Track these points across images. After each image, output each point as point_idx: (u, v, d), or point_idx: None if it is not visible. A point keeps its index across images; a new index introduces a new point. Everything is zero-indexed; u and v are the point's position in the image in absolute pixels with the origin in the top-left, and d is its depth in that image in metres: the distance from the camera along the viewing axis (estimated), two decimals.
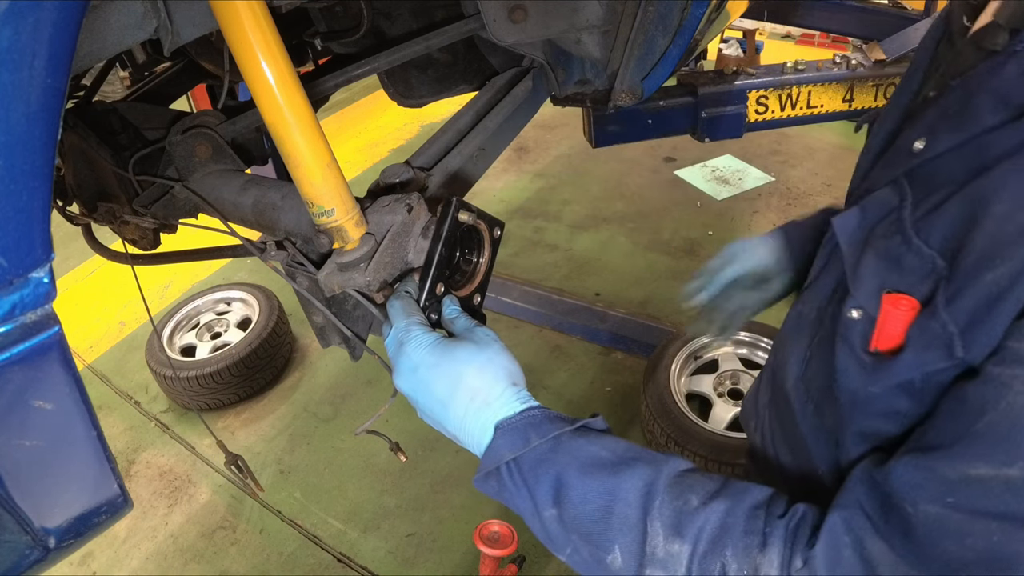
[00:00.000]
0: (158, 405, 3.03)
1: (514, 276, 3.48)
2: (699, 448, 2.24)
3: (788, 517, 0.66)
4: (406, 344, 0.77)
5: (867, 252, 0.71)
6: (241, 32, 0.66)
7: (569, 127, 4.85)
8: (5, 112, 0.51)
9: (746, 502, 0.67)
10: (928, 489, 0.57)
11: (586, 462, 0.71)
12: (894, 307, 0.63)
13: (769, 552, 0.63)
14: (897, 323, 0.64)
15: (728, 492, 0.68)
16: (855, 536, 0.61)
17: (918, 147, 0.71)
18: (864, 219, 0.75)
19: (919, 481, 0.58)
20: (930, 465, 0.58)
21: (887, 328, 0.65)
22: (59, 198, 1.32)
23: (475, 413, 0.74)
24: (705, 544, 0.65)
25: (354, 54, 1.42)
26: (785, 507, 0.67)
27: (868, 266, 0.70)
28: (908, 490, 0.59)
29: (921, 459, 0.59)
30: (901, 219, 0.68)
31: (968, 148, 0.64)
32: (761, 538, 0.64)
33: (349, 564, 2.31)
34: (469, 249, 0.90)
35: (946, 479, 0.56)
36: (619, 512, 0.68)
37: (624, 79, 1.22)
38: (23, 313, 0.59)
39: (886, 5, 2.91)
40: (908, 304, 0.63)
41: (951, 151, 0.66)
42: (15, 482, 0.63)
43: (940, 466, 0.57)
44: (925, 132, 0.71)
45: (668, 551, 0.66)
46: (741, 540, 0.64)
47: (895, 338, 0.64)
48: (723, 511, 0.66)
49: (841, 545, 0.61)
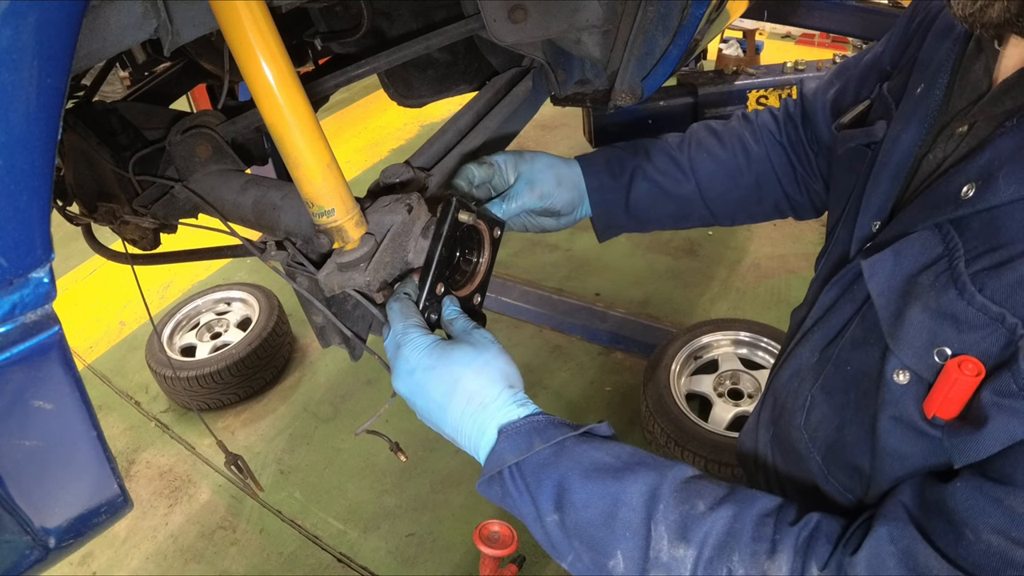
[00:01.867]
0: (158, 405, 3.03)
1: (514, 276, 3.48)
2: (699, 448, 2.24)
3: (800, 525, 0.65)
4: (403, 347, 0.77)
5: (912, 305, 0.65)
6: (241, 32, 0.66)
7: (569, 127, 4.85)
8: (5, 112, 0.51)
9: (755, 508, 0.66)
10: (993, 518, 0.56)
11: (589, 467, 0.70)
12: (961, 372, 0.59)
13: (778, 559, 0.62)
14: (964, 389, 0.59)
15: (736, 498, 0.67)
16: (902, 546, 0.60)
17: (968, 193, 0.64)
18: (899, 266, 0.68)
19: (984, 508, 0.57)
20: (999, 496, 0.56)
21: (952, 394, 0.60)
22: (59, 198, 1.31)
23: (472, 415, 0.74)
24: (711, 549, 0.64)
25: (354, 54, 1.42)
26: (796, 515, 0.66)
27: (914, 322, 0.64)
28: (971, 515, 0.57)
29: (988, 487, 0.57)
30: (955, 271, 0.62)
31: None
32: (770, 544, 0.63)
33: (349, 564, 2.31)
34: (469, 249, 0.90)
35: (1014, 512, 0.55)
36: (622, 516, 0.67)
37: (624, 79, 1.22)
38: (23, 313, 0.58)
39: (886, 5, 2.91)
40: (975, 368, 0.58)
41: (1016, 203, 0.60)
42: (15, 482, 0.63)
43: (1010, 499, 0.55)
44: (976, 177, 0.64)
45: (672, 555, 0.65)
46: (749, 546, 0.63)
47: (958, 403, 0.60)
48: (730, 516, 0.65)
49: (886, 554, 0.60)
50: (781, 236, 3.71)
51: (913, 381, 0.64)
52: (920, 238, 0.68)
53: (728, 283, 3.42)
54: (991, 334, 0.58)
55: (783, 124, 1.15)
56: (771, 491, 0.93)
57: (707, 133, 1.17)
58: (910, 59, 0.87)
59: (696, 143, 1.16)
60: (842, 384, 0.77)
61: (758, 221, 1.23)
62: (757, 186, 1.15)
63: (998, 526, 0.55)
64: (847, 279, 0.81)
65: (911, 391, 0.65)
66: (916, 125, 0.78)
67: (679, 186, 1.14)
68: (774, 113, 1.18)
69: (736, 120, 1.19)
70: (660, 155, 1.16)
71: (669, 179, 1.14)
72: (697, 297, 3.34)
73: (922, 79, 0.80)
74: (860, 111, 0.93)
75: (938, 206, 0.67)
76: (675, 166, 1.14)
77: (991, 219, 0.62)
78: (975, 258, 0.61)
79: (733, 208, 1.18)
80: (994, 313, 0.58)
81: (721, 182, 1.14)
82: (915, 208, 0.73)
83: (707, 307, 3.27)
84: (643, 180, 1.14)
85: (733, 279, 3.44)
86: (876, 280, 0.70)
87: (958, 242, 0.63)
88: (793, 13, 2.94)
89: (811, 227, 3.74)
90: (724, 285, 3.40)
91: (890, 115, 0.85)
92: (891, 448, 0.68)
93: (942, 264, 0.64)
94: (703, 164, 1.14)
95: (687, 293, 3.37)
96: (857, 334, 0.75)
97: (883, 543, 0.60)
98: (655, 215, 1.17)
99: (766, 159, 1.14)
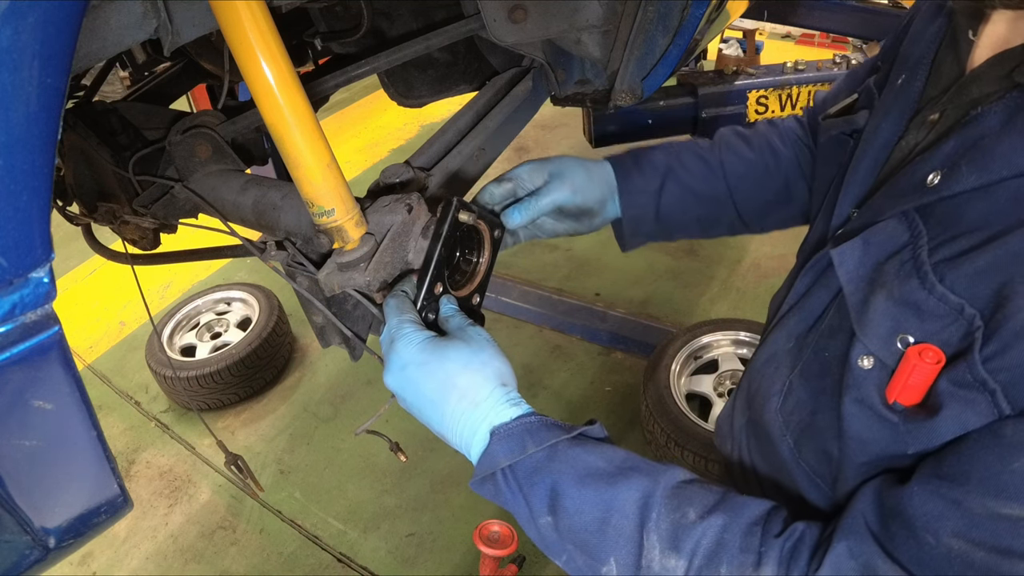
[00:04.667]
0: (158, 405, 3.03)
1: (514, 276, 3.47)
2: (699, 448, 2.24)
3: (785, 536, 0.65)
4: (396, 341, 0.77)
5: (877, 293, 0.66)
6: (241, 32, 0.66)
7: (569, 127, 4.85)
8: (5, 112, 0.51)
9: (744, 518, 0.67)
10: (952, 521, 0.56)
11: (582, 472, 0.70)
12: (921, 360, 0.59)
13: (764, 570, 0.63)
14: (924, 376, 0.60)
15: (726, 507, 0.68)
16: (863, 562, 0.60)
17: (933, 181, 0.65)
18: (867, 254, 0.70)
19: (942, 511, 0.57)
20: (956, 498, 0.56)
21: (912, 381, 0.61)
22: (59, 198, 1.31)
23: (463, 413, 0.74)
24: (701, 559, 0.65)
25: (354, 54, 1.42)
26: (782, 525, 0.67)
27: (879, 309, 0.65)
28: (930, 520, 0.57)
29: (945, 489, 0.57)
30: (918, 260, 0.63)
31: (999, 191, 0.59)
32: (756, 556, 0.64)
33: (349, 564, 2.31)
34: (469, 249, 0.90)
35: (972, 514, 0.55)
36: (615, 523, 0.67)
37: (624, 79, 1.22)
38: (23, 313, 0.59)
39: (886, 5, 2.91)
40: (935, 356, 0.59)
41: (976, 191, 0.61)
42: (15, 482, 0.63)
43: (968, 500, 0.55)
44: (941, 164, 0.65)
45: (664, 565, 0.65)
46: (737, 557, 0.64)
47: (918, 390, 0.61)
48: (720, 526, 0.66)
49: (847, 569, 0.60)
50: (781, 236, 3.69)
51: (876, 367, 0.65)
52: (887, 226, 0.69)
53: (728, 283, 3.42)
54: (951, 324, 0.59)
55: (807, 128, 1.16)
56: (745, 477, 0.95)
57: (735, 136, 1.18)
58: (892, 50, 0.89)
59: (726, 145, 1.16)
60: (819, 370, 0.78)
61: (787, 227, 1.23)
62: (786, 188, 1.15)
63: (957, 529, 0.55)
64: (820, 266, 0.82)
65: (873, 376, 0.66)
66: (896, 115, 0.79)
67: (710, 187, 1.13)
68: (799, 119, 1.19)
69: (763, 125, 1.20)
70: (690, 156, 1.15)
71: (699, 180, 1.13)
72: (697, 297, 3.34)
73: (903, 70, 0.81)
74: (847, 103, 0.94)
75: (905, 194, 0.69)
76: (706, 166, 1.14)
77: (954, 207, 0.63)
78: (938, 247, 0.62)
79: (762, 211, 1.18)
80: (953, 303, 0.59)
81: (751, 184, 1.14)
82: (884, 196, 0.74)
83: (707, 307, 3.27)
84: (674, 182, 1.12)
85: (733, 279, 3.44)
86: (845, 268, 0.71)
87: (922, 230, 0.65)
88: (793, 13, 2.94)
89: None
90: (724, 285, 3.40)
91: (873, 105, 0.86)
92: (854, 432, 0.69)
93: (907, 252, 0.65)
94: (733, 165, 1.14)
95: (687, 293, 3.37)
96: (834, 322, 0.76)
97: (843, 559, 0.61)
98: (684, 220, 1.16)
99: (794, 161, 1.14)
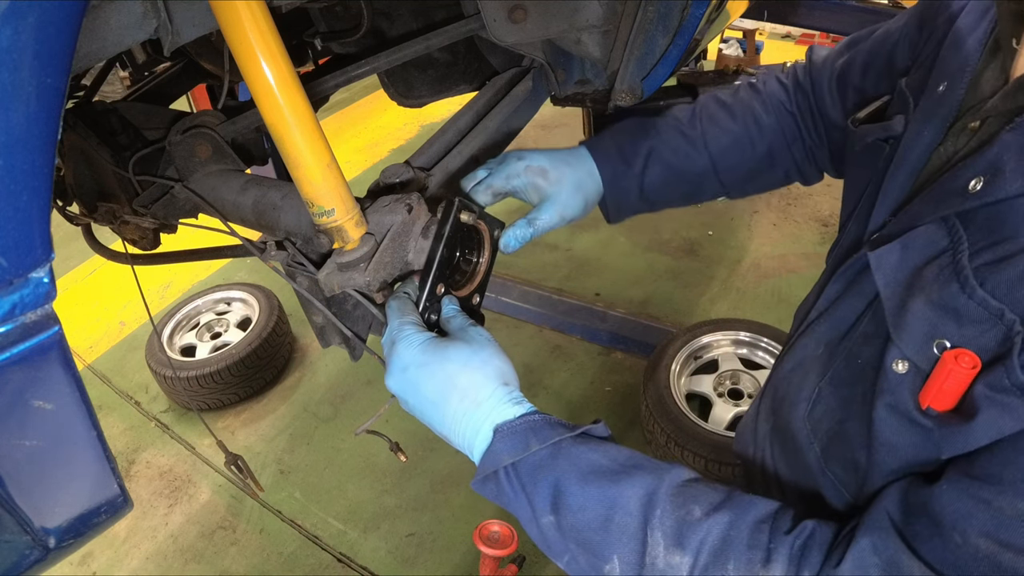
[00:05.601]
0: (158, 405, 3.03)
1: (514, 276, 3.47)
2: (699, 448, 2.24)
3: (795, 534, 0.64)
4: (397, 343, 0.76)
5: (915, 297, 0.65)
6: (241, 32, 0.66)
7: (569, 127, 4.85)
8: (5, 112, 0.51)
9: (751, 515, 0.66)
10: (981, 521, 0.56)
11: (586, 469, 0.70)
12: (957, 364, 0.59)
13: (773, 568, 0.62)
14: (959, 381, 0.59)
15: (732, 504, 0.67)
16: (887, 558, 0.60)
17: (975, 187, 0.64)
18: (906, 258, 0.69)
19: (971, 510, 0.56)
20: (986, 497, 0.56)
21: (947, 385, 0.60)
22: (59, 198, 1.32)
23: (465, 413, 0.73)
24: (707, 556, 0.64)
25: (354, 54, 1.42)
26: (792, 522, 0.66)
27: (916, 313, 0.64)
28: (958, 519, 0.57)
29: (975, 488, 0.57)
30: (959, 265, 0.62)
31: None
32: (765, 553, 0.63)
33: (349, 564, 2.31)
34: (469, 249, 0.90)
35: (1003, 514, 0.55)
36: (618, 521, 0.67)
37: (624, 79, 1.22)
38: (23, 313, 0.59)
39: (886, 5, 2.91)
40: (971, 361, 0.58)
41: (1019, 198, 0.60)
42: (15, 482, 0.63)
43: (999, 500, 0.55)
44: (984, 171, 0.64)
45: (668, 562, 0.65)
46: (744, 554, 0.63)
47: (952, 395, 0.60)
48: (726, 523, 0.65)
49: (869, 565, 0.60)
50: (781, 236, 3.71)
51: (911, 371, 0.65)
52: (927, 231, 0.68)
53: (728, 283, 3.42)
54: (990, 329, 0.58)
55: (793, 93, 1.14)
56: (767, 484, 0.93)
57: (717, 106, 1.16)
58: (929, 55, 0.86)
59: (708, 117, 1.15)
60: (850, 378, 0.77)
61: (768, 190, 1.23)
62: (769, 156, 1.14)
63: (985, 529, 0.55)
64: (853, 271, 0.81)
65: (908, 380, 0.65)
66: (937, 123, 0.78)
67: (692, 163, 1.13)
68: (782, 81, 1.16)
69: (745, 91, 1.18)
70: (672, 133, 1.14)
71: (682, 158, 1.13)
72: (697, 297, 3.34)
73: (944, 77, 0.80)
74: (878, 107, 0.93)
75: (945, 199, 0.68)
76: (688, 143, 1.13)
77: (996, 213, 0.62)
78: (978, 252, 0.62)
79: (744, 179, 1.17)
80: (993, 308, 0.58)
81: (734, 155, 1.13)
82: (923, 201, 0.73)
83: (707, 307, 3.27)
84: (656, 164, 1.12)
85: (733, 279, 3.44)
86: (883, 271, 0.70)
87: (963, 235, 0.64)
88: (793, 13, 2.95)
89: (811, 227, 3.74)
90: (724, 285, 3.40)
91: (908, 110, 0.84)
92: (884, 438, 0.69)
93: (946, 257, 0.64)
94: (716, 138, 1.13)
95: (687, 293, 3.37)
96: (868, 328, 0.75)
97: (866, 554, 0.60)
98: (667, 195, 1.16)
99: (777, 129, 1.13)
